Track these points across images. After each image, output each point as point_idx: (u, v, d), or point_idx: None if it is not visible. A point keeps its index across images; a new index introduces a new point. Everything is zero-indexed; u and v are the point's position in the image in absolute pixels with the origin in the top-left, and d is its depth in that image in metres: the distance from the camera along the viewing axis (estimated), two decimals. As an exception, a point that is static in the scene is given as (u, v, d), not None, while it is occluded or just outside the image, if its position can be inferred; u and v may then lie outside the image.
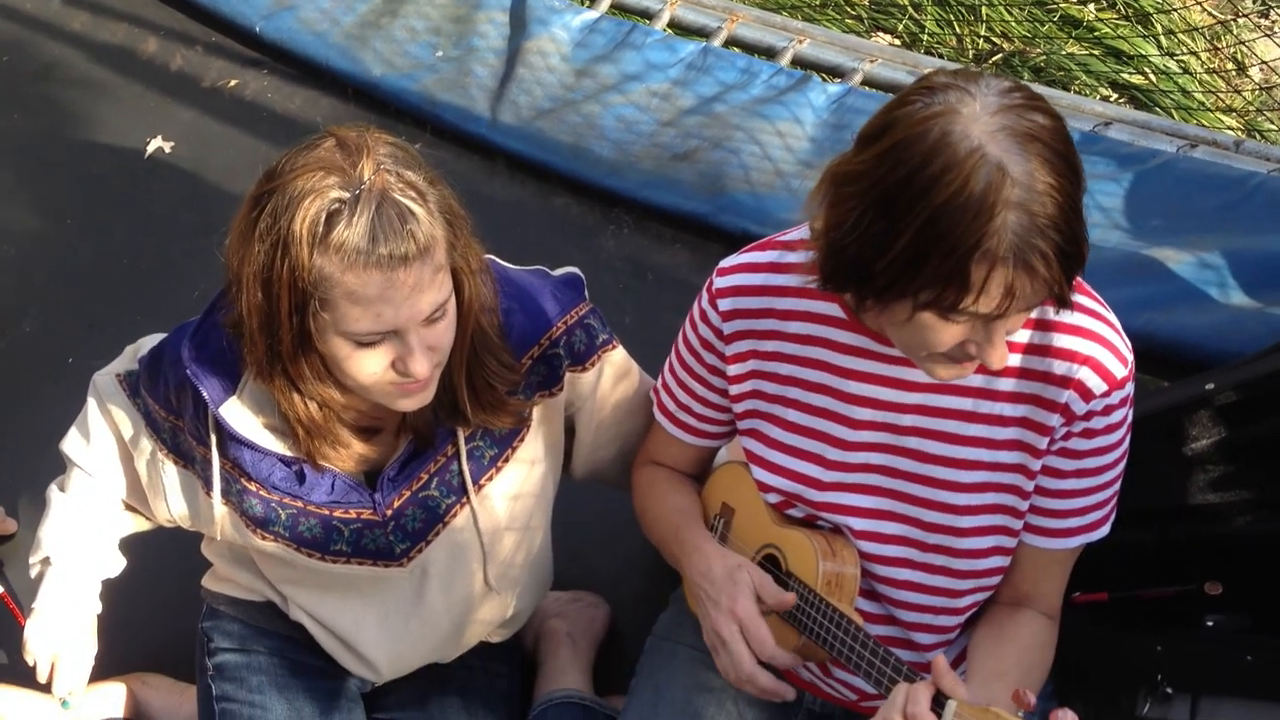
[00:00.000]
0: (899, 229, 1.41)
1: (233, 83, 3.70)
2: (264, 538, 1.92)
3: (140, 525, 2.18)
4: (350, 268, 1.56)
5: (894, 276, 1.44)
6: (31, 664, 2.06)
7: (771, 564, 1.85)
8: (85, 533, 2.11)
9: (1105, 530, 1.74)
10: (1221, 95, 3.64)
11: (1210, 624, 1.99)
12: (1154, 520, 2.11)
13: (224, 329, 1.79)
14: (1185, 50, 3.75)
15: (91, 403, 2.08)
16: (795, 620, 1.78)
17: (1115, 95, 3.66)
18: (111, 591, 2.19)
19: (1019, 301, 1.43)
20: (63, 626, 2.07)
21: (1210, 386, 2.00)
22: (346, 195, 1.56)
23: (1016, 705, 1.43)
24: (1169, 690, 1.98)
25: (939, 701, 1.47)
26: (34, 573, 2.11)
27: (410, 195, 1.58)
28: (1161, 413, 2.05)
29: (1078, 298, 1.65)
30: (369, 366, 1.65)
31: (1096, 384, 1.62)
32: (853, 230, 1.47)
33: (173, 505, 2.00)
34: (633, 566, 2.52)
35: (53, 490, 2.15)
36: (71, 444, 2.11)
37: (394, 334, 1.63)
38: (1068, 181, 1.41)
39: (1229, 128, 3.48)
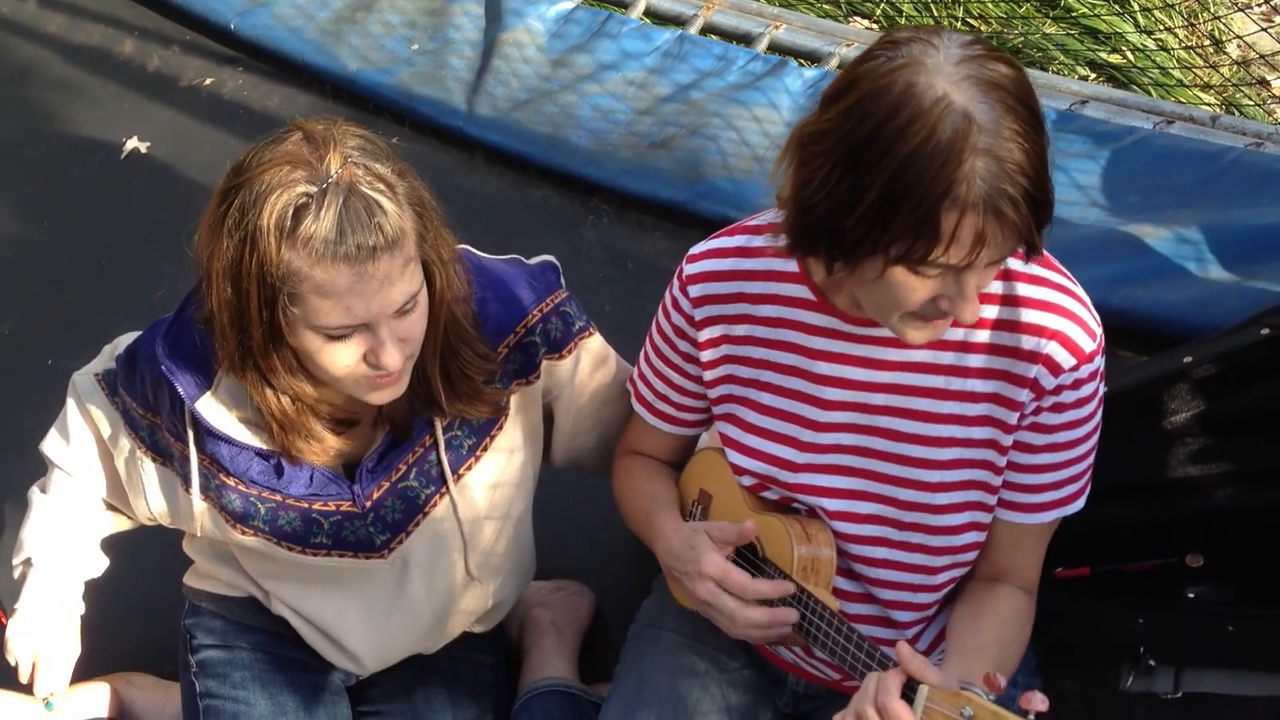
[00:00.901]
0: (867, 182, 1.41)
1: (209, 81, 3.69)
2: (244, 532, 1.91)
3: (121, 524, 2.18)
4: (318, 261, 1.55)
5: (864, 232, 1.44)
6: (13, 664, 2.05)
7: (749, 550, 1.85)
8: (67, 533, 2.10)
9: (1080, 504, 1.74)
10: (1199, 72, 3.64)
11: (1192, 596, 2.00)
12: (1134, 494, 2.11)
13: (196, 325, 1.78)
14: (1162, 28, 3.75)
15: (71, 403, 2.07)
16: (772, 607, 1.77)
17: (1093, 75, 3.66)
18: (94, 591, 2.17)
19: (990, 250, 1.42)
20: (45, 627, 2.05)
21: (1188, 360, 2.01)
22: (314, 189, 1.55)
23: (988, 689, 1.43)
24: (1152, 662, 1.99)
25: (911, 687, 1.46)
26: (16, 574, 2.10)
27: (378, 188, 1.58)
28: (1140, 387, 2.05)
29: (1044, 272, 1.65)
30: (340, 359, 1.64)
31: (1065, 358, 1.62)
32: (821, 188, 1.46)
33: (152, 503, 1.99)
34: (616, 555, 2.52)
35: (34, 492, 2.14)
36: (51, 445, 2.10)
37: (365, 327, 1.62)
38: (1032, 129, 1.41)
39: (1207, 104, 3.48)
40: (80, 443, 2.07)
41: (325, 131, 1.60)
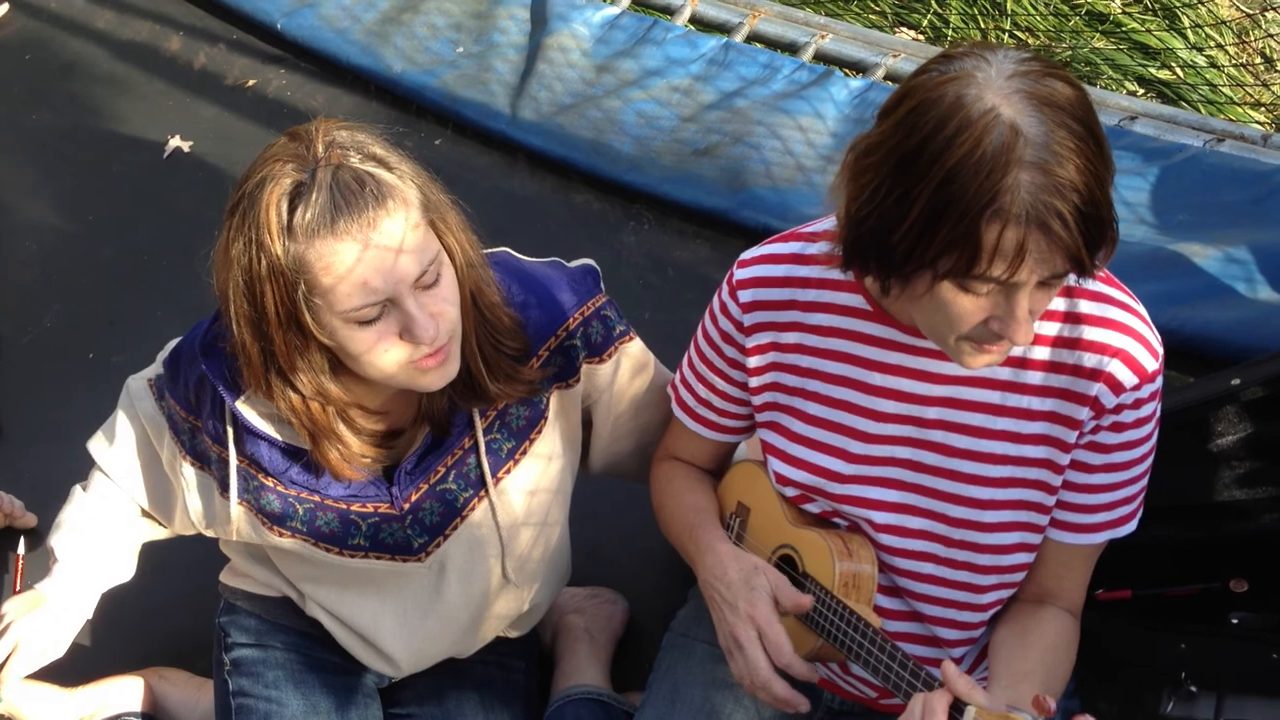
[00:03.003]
0: (915, 194, 1.40)
1: (253, 81, 3.70)
2: (281, 534, 1.91)
3: (157, 533, 2.18)
4: (322, 242, 1.57)
5: (911, 245, 1.43)
6: None
7: (787, 564, 1.83)
8: (93, 536, 2.10)
9: (1132, 526, 1.71)
10: (1250, 90, 3.60)
11: (1235, 621, 1.97)
12: (1179, 517, 2.09)
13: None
14: (1213, 45, 3.71)
15: (121, 405, 2.08)
16: (812, 622, 1.76)
17: (1142, 91, 3.63)
18: (130, 586, 2.19)
19: (1036, 266, 1.40)
20: (41, 619, 2.04)
21: (1237, 382, 1.98)
22: (304, 175, 1.58)
23: (1037, 711, 1.40)
24: (1193, 689, 1.96)
25: (957, 708, 1.44)
26: (49, 562, 2.11)
27: (369, 163, 1.60)
28: (1188, 409, 2.03)
29: (1108, 290, 1.63)
30: (379, 344, 1.64)
31: (1127, 377, 1.60)
32: (871, 200, 1.46)
33: (191, 508, 2.00)
34: (651, 563, 2.50)
35: (76, 489, 2.16)
36: (96, 445, 2.12)
37: (392, 306, 1.62)
38: (1088, 146, 1.38)
39: (1258, 122, 3.44)
40: (123, 446, 2.08)
41: (308, 126, 1.64)
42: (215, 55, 3.82)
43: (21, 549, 2.27)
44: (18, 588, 2.31)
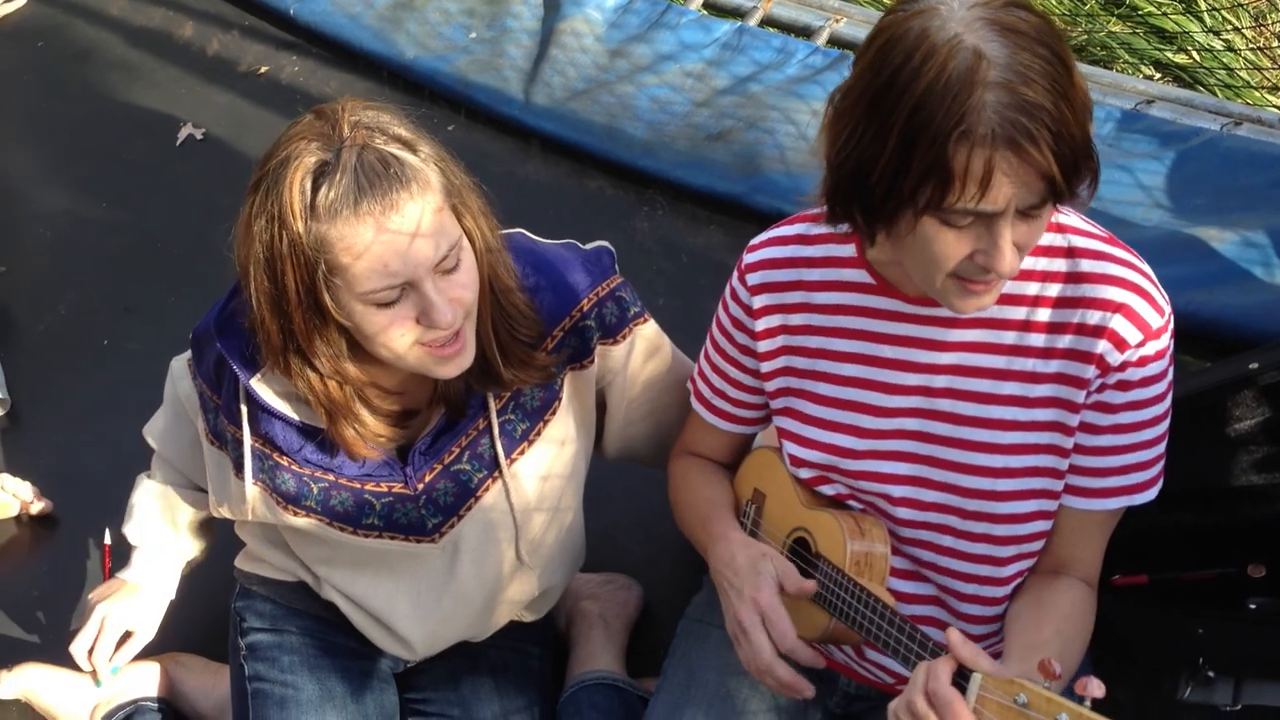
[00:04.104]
0: (888, 128, 1.42)
1: (266, 68, 3.71)
2: (296, 513, 1.91)
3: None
4: (344, 222, 1.57)
5: (889, 182, 1.44)
6: (74, 628, 2.17)
7: (802, 547, 1.83)
8: (162, 519, 2.21)
9: (1150, 495, 1.69)
10: (1267, 73, 3.58)
11: (1253, 606, 1.96)
12: (1196, 502, 2.08)
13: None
14: (1230, 28, 3.69)
15: (165, 386, 2.13)
16: (825, 601, 1.76)
17: (1159, 75, 3.60)
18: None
19: (1010, 189, 1.40)
20: (123, 603, 2.17)
21: (1254, 366, 1.97)
22: (328, 155, 1.58)
23: (1044, 676, 1.40)
24: (1211, 674, 1.95)
25: (964, 675, 1.44)
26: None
27: (394, 145, 1.61)
28: (1204, 393, 2.02)
29: (1109, 248, 1.63)
30: (396, 327, 1.64)
31: (1131, 333, 1.59)
32: (849, 143, 1.47)
33: (210, 487, 2.01)
34: (665, 549, 2.50)
35: (141, 476, 2.25)
36: (148, 427, 2.20)
37: (411, 289, 1.63)
38: (1054, 69, 1.39)
39: (1275, 106, 3.42)
40: (169, 427, 2.15)
41: (335, 105, 1.64)
42: (228, 42, 3.82)
43: (107, 538, 2.33)
44: (105, 577, 2.36)
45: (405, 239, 1.59)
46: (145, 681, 2.38)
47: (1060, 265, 1.63)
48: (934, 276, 1.53)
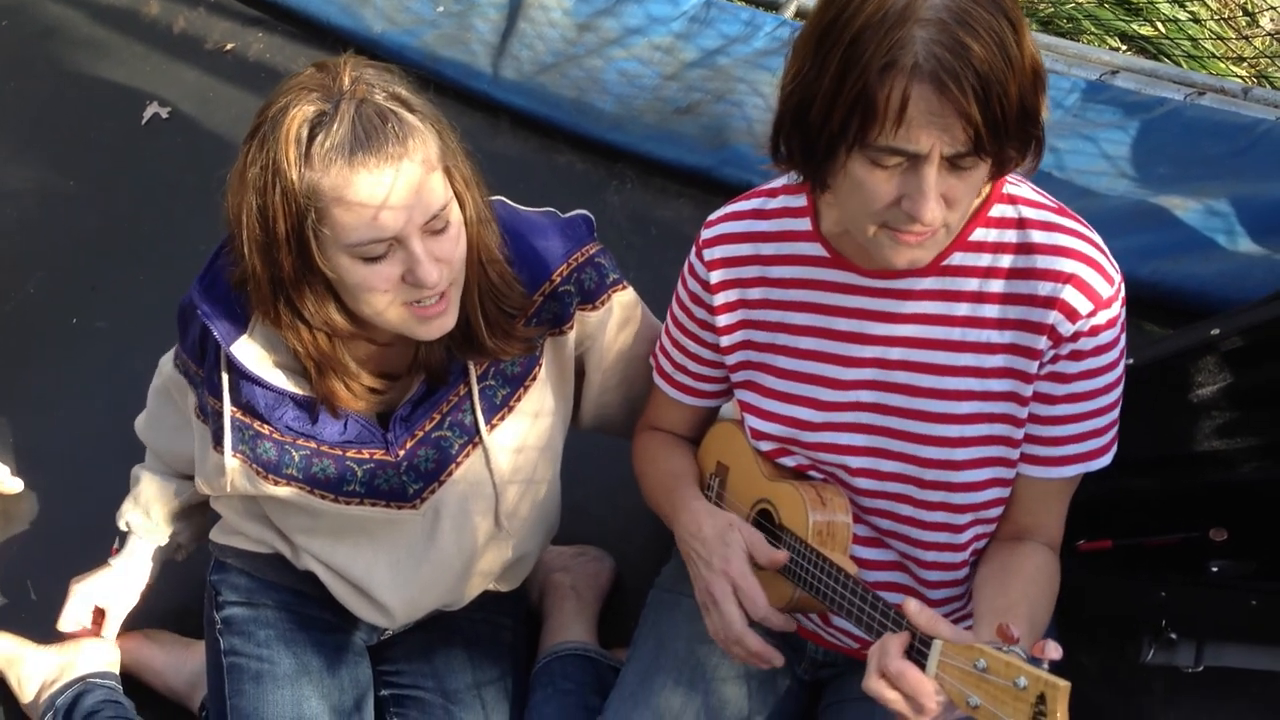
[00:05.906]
0: (827, 62, 1.44)
1: (233, 45, 3.68)
2: (277, 483, 1.92)
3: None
4: (338, 172, 1.58)
5: (823, 115, 1.46)
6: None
7: (765, 518, 1.84)
8: (135, 503, 2.27)
9: (1105, 460, 1.72)
10: (1231, 44, 3.60)
11: (1215, 570, 1.98)
12: (1158, 467, 2.10)
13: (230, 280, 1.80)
14: (1195, 0, 3.70)
15: (155, 377, 2.17)
16: (789, 572, 1.77)
17: (1124, 46, 3.62)
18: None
19: (938, 134, 1.41)
20: (96, 579, 2.30)
21: (1215, 332, 1.99)
22: (327, 106, 1.59)
23: (1002, 640, 1.42)
24: (1173, 636, 1.98)
25: (924, 643, 1.46)
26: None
27: (392, 102, 1.62)
28: (1166, 359, 2.03)
29: (1059, 219, 1.64)
30: (380, 284, 1.65)
31: (1081, 303, 1.60)
32: (794, 79, 1.50)
33: (195, 465, 2.04)
34: (636, 520, 2.52)
35: (135, 467, 2.30)
36: (138, 421, 2.25)
37: (398, 245, 1.63)
38: (997, 23, 1.40)
39: (1238, 76, 3.44)
40: (150, 411, 2.21)
41: (337, 59, 1.66)
42: (194, 19, 3.79)
43: (117, 545, 2.34)
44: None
45: (397, 194, 1.60)
46: (93, 658, 2.36)
47: (1011, 236, 1.64)
48: (865, 224, 1.54)
